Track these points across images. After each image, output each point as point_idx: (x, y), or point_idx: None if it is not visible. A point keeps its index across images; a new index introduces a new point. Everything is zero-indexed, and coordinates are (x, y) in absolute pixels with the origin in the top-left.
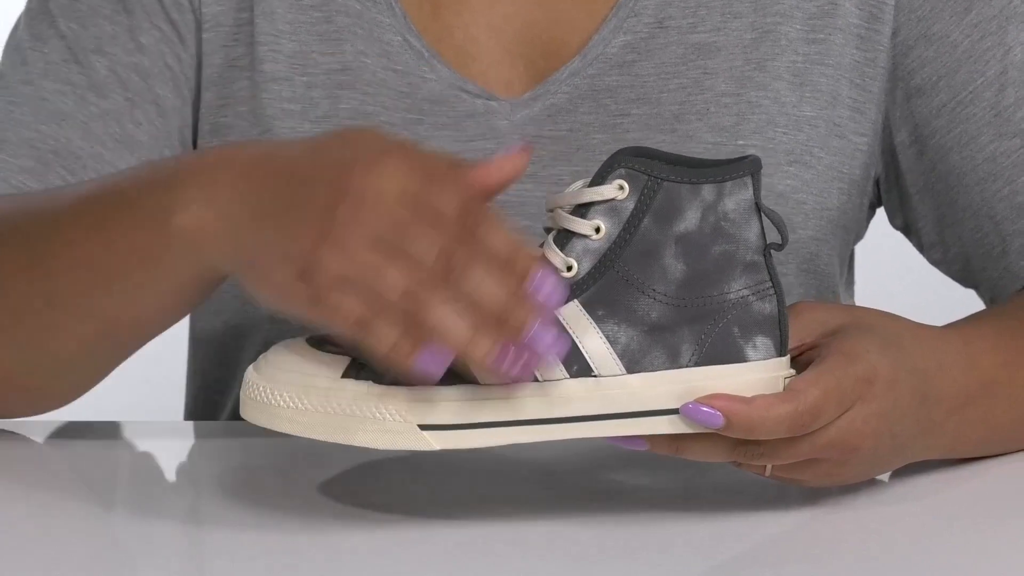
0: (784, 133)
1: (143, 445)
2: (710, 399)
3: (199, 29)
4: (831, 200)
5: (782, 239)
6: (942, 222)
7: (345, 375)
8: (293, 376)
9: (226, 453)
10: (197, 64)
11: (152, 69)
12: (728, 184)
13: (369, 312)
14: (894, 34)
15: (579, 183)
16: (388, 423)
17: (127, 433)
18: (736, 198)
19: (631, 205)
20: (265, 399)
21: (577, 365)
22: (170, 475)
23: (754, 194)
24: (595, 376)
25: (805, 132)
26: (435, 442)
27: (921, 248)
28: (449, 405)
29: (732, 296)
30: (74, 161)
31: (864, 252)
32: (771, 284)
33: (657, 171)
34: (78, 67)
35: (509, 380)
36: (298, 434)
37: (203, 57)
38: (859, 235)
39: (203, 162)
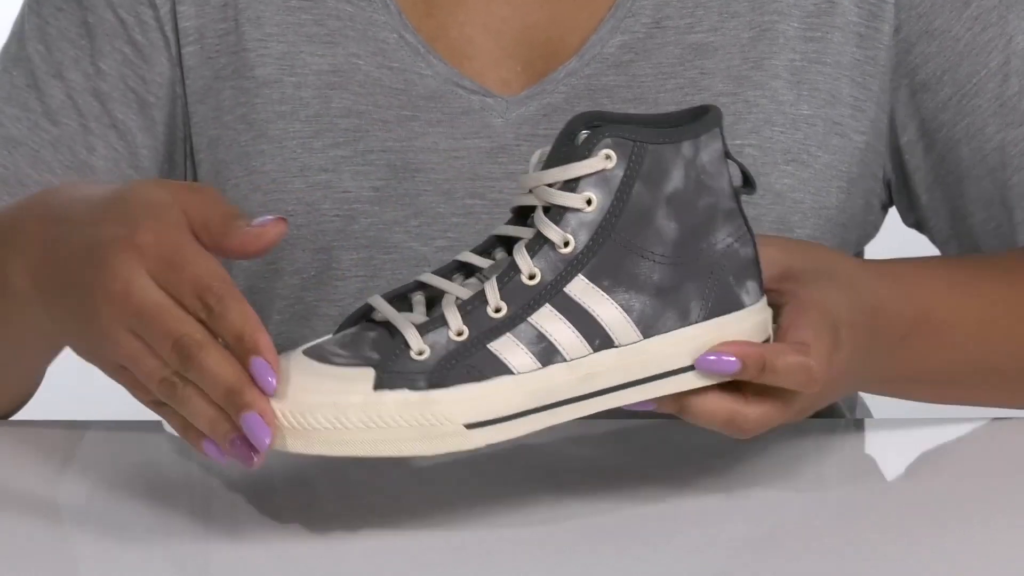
0: (781, 132)
1: (148, 444)
2: (722, 348)
3: (177, 44)
4: (829, 199)
5: (752, 183)
6: (954, 216)
7: (377, 386)
8: (323, 396)
9: None
10: (180, 79)
11: (112, 93)
12: (703, 138)
13: (155, 396)
14: (895, 31)
15: (536, 155)
16: (436, 428)
17: (132, 432)
18: (710, 150)
19: (620, 173)
20: (297, 424)
21: (599, 339)
22: (172, 476)
23: (723, 143)
24: (616, 347)
25: (802, 131)
26: (481, 439)
27: (935, 243)
28: (490, 400)
29: (719, 246)
30: (20, 189)
31: (870, 252)
32: (747, 228)
33: (642, 136)
34: (36, 93)
35: (247, 465)
36: (338, 454)
37: (188, 71)
38: (868, 235)
39: (21, 221)
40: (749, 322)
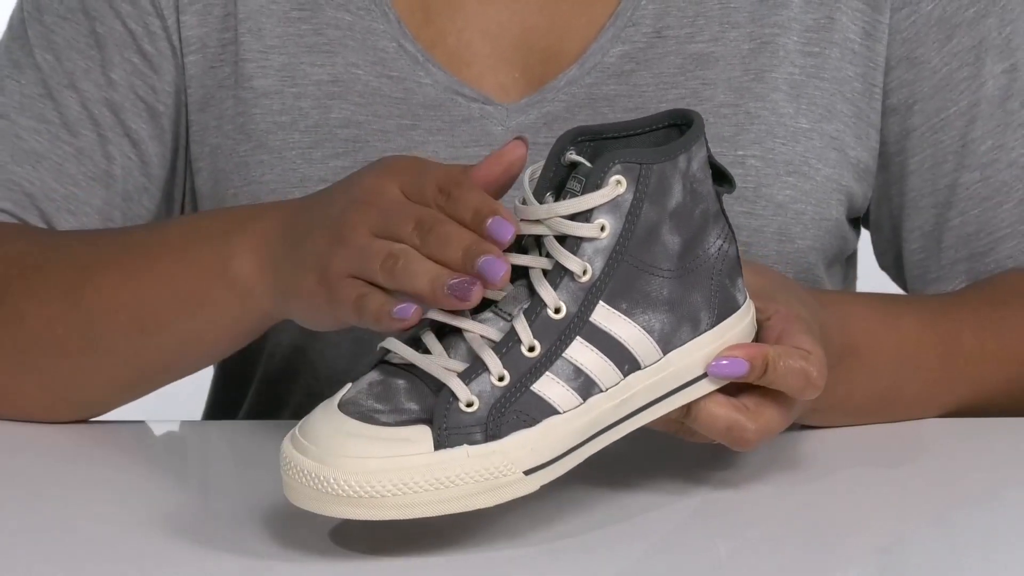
0: (783, 144)
1: (160, 444)
2: (729, 352)
3: (180, 54)
4: (830, 211)
5: (731, 181)
6: (893, 237)
7: (438, 446)
8: (386, 462)
9: (236, 453)
10: (182, 88)
11: (123, 103)
12: (694, 148)
13: (364, 288)
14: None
15: (527, 174)
16: (498, 479)
17: (144, 432)
18: (698, 159)
19: (630, 197)
20: (364, 492)
21: (627, 363)
22: (182, 475)
23: (707, 149)
24: (642, 368)
25: (802, 144)
26: (537, 482)
27: (876, 256)
28: (544, 444)
29: (712, 250)
30: (48, 204)
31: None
32: (729, 226)
33: (647, 157)
34: (52, 103)
35: (466, 297)
36: (407, 517)
37: (189, 79)
38: (850, 245)
39: (254, 212)
40: (746, 320)
